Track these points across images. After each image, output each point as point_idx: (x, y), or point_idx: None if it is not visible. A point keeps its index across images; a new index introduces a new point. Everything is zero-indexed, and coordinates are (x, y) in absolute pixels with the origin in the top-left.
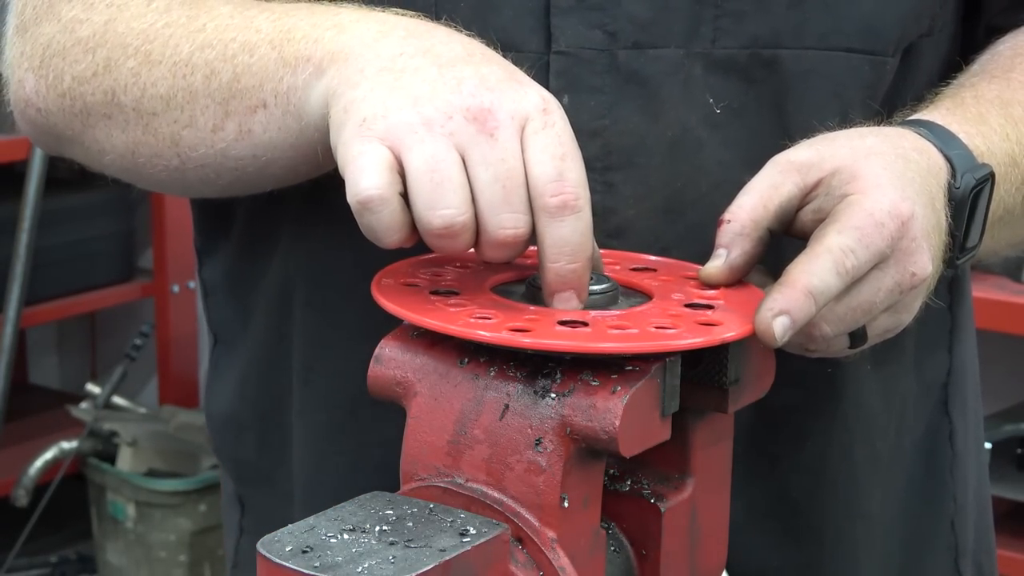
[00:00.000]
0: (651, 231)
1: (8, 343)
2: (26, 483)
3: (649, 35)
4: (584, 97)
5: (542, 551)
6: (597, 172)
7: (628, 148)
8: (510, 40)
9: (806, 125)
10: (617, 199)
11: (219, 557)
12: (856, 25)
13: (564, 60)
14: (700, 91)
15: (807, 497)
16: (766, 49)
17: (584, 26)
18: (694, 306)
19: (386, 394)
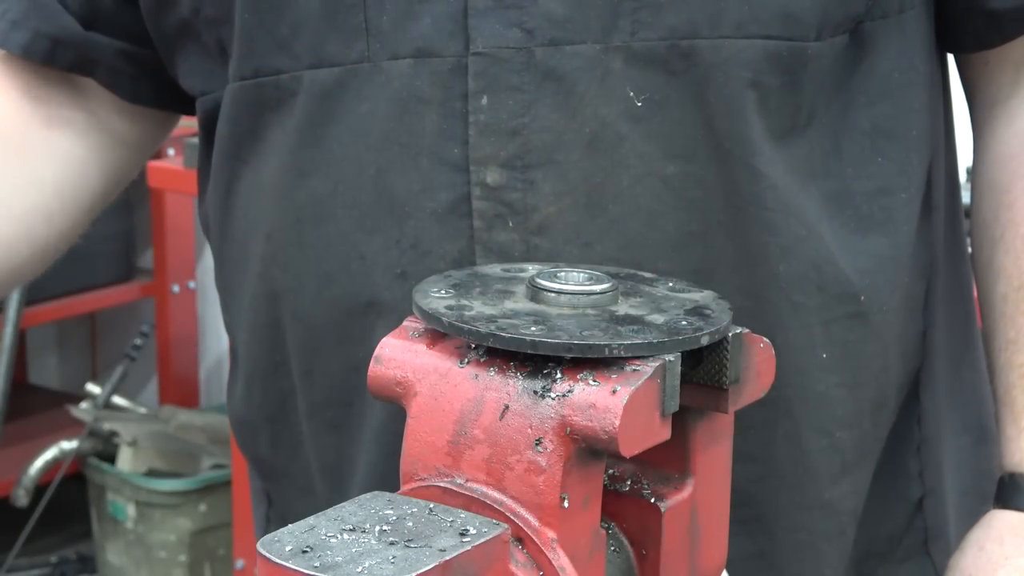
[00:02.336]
0: (573, 227)
1: (8, 343)
2: (26, 483)
3: (566, 31)
4: (503, 96)
5: (542, 551)
6: (518, 170)
7: (547, 145)
8: (430, 46)
9: (726, 114)
10: (538, 196)
11: (219, 557)
12: (773, 11)
13: (482, 61)
14: (620, 85)
15: (755, 487)
16: (684, 40)
17: (501, 25)
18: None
19: (386, 394)
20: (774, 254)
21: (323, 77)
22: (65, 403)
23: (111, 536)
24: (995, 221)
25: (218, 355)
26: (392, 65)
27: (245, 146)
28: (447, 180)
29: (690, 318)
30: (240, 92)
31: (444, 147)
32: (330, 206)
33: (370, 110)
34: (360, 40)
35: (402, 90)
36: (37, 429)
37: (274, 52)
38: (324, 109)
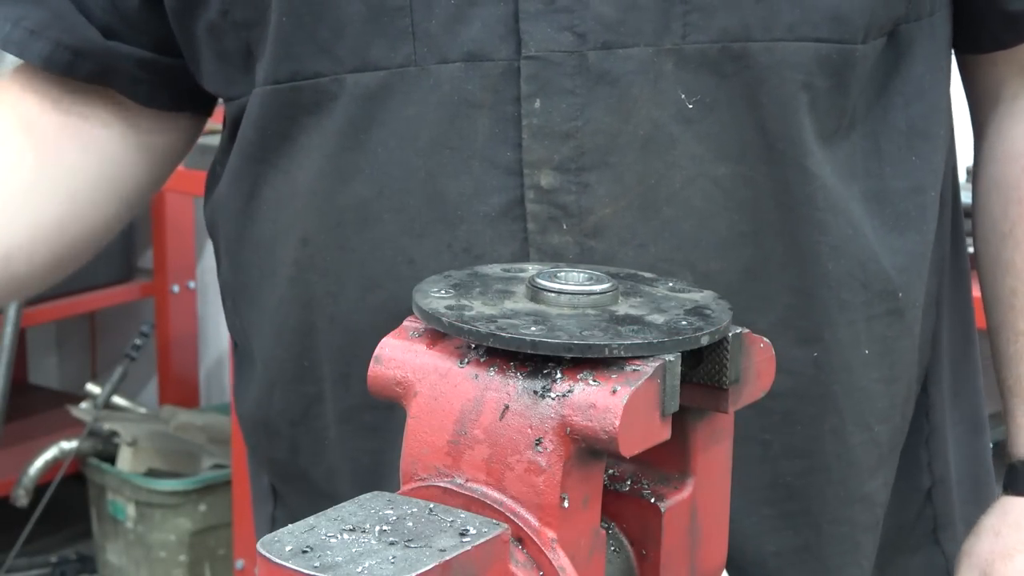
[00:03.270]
0: (627, 229)
1: (8, 343)
2: (26, 483)
3: (618, 35)
4: (556, 100)
5: (542, 551)
6: (572, 173)
7: (601, 148)
8: (480, 50)
9: (779, 116)
10: (592, 199)
11: (219, 557)
12: (824, 14)
13: (534, 64)
14: (672, 87)
15: (801, 481)
16: (736, 42)
17: (553, 29)
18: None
19: (386, 394)
20: (824, 253)
21: (367, 81)
22: (65, 403)
23: (111, 536)
24: (1003, 217)
25: (218, 355)
26: (441, 69)
27: (273, 149)
28: (500, 183)
29: (690, 318)
30: (272, 96)
31: (496, 151)
32: (375, 210)
33: (418, 114)
34: (406, 44)
35: (452, 94)
36: (37, 429)
37: (313, 55)
38: (367, 113)
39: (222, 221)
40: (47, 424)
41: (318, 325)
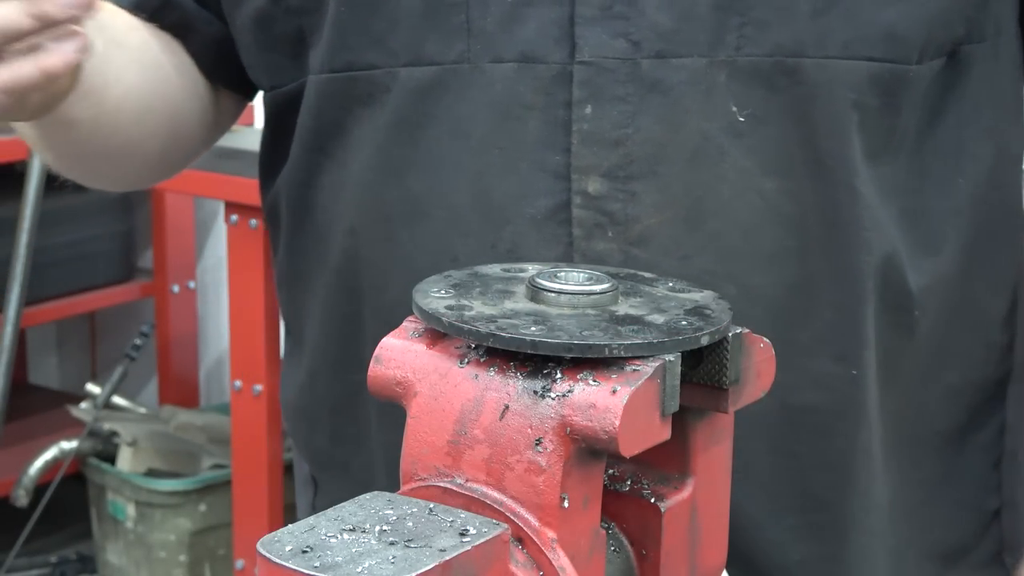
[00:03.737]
0: (673, 240)
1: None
2: (26, 483)
3: (672, 44)
4: (607, 107)
5: (542, 551)
6: (620, 181)
7: (650, 157)
8: (534, 51)
9: (829, 133)
10: (639, 208)
11: (219, 557)
12: (879, 33)
13: (587, 70)
14: (723, 99)
15: (832, 493)
16: (790, 57)
17: (608, 35)
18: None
19: (386, 394)
20: (866, 272)
21: (419, 75)
22: (65, 403)
23: (111, 536)
24: None
25: (218, 355)
26: (494, 68)
27: (330, 139)
28: (547, 187)
29: (690, 318)
30: (328, 84)
31: (545, 154)
32: (424, 206)
33: (469, 112)
34: (460, 40)
35: (504, 94)
36: (37, 429)
37: (368, 47)
38: (419, 108)
39: (282, 208)
40: (47, 424)
41: (363, 315)
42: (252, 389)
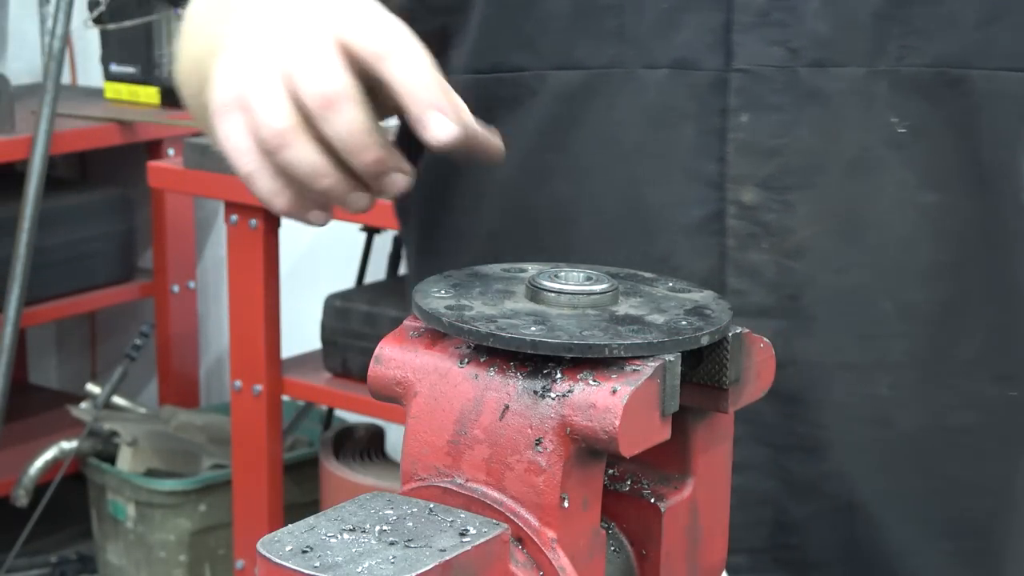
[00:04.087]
0: (828, 252)
1: (8, 343)
2: (26, 483)
3: (831, 53)
4: (763, 115)
5: (542, 551)
6: (775, 191)
7: (807, 167)
8: (689, 57)
9: (995, 146)
10: (795, 219)
11: (219, 557)
12: None
13: (744, 78)
14: (882, 110)
15: (989, 519)
16: (954, 68)
17: (765, 42)
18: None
19: (386, 394)
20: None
21: (568, 79)
22: (65, 403)
23: (111, 536)
24: None
25: (218, 355)
26: (648, 74)
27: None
28: (701, 196)
29: (690, 318)
30: (472, 85)
31: (699, 162)
32: (572, 212)
33: (622, 118)
34: (613, 44)
35: (658, 100)
36: (37, 429)
37: (516, 48)
38: (569, 112)
39: (415, 208)
40: (47, 424)
41: None
42: (252, 389)
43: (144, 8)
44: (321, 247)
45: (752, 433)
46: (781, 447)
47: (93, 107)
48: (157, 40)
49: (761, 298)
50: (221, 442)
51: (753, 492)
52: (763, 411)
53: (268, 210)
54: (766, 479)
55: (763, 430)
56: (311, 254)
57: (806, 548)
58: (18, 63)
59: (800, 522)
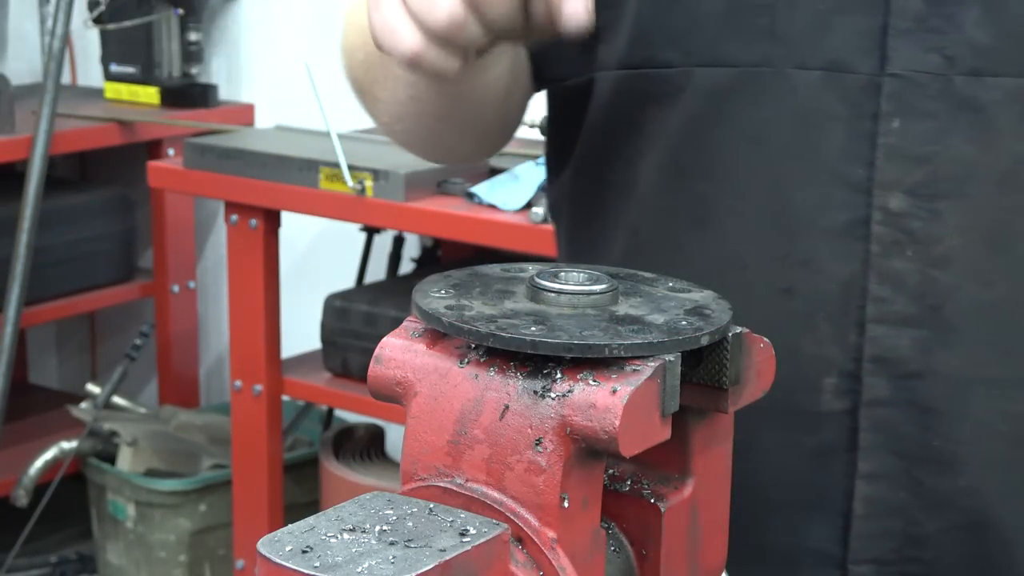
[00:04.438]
0: (974, 263)
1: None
2: (26, 483)
3: (989, 62)
4: (915, 122)
5: (542, 551)
6: (923, 199)
7: (957, 176)
8: (842, 60)
9: None
10: (942, 227)
11: (219, 557)
12: None
13: (897, 83)
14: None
15: None
16: None
17: (920, 49)
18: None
19: (386, 394)
20: None
21: (716, 76)
22: (65, 403)
23: (111, 536)
24: None
25: (218, 355)
26: (798, 74)
27: (620, 137)
28: (846, 200)
29: (690, 318)
30: (625, 81)
31: (847, 166)
32: (715, 211)
33: (769, 117)
34: (763, 43)
35: (807, 102)
36: (37, 429)
37: (666, 44)
38: (714, 110)
39: (566, 207)
40: (47, 424)
41: None
42: (252, 389)
43: (144, 8)
44: (321, 247)
45: (885, 443)
46: (915, 459)
47: (93, 107)
48: (157, 40)
49: (902, 306)
50: (221, 442)
51: (883, 503)
52: (898, 421)
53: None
54: (897, 490)
55: (897, 440)
56: (311, 254)
57: (934, 563)
58: (18, 63)
59: (930, 536)
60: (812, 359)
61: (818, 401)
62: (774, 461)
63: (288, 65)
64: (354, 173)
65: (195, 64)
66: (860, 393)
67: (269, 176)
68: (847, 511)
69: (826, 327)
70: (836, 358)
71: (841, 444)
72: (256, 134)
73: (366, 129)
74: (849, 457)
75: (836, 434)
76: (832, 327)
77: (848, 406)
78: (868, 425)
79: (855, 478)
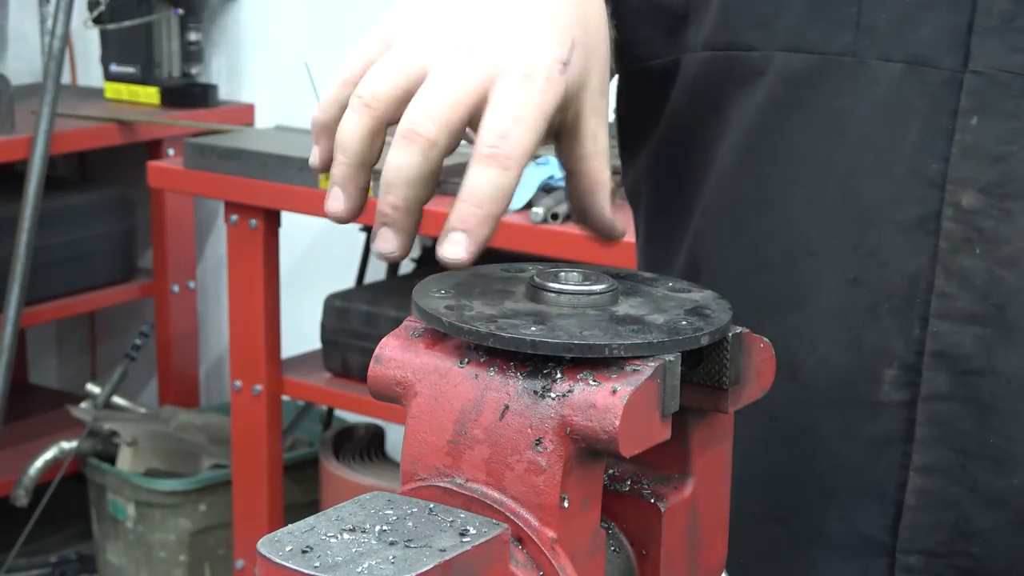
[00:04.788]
0: None
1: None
2: (26, 483)
3: None
4: (994, 120)
5: (542, 551)
6: (995, 198)
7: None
8: (926, 55)
9: None
10: (1012, 228)
11: (219, 557)
12: None
13: (979, 80)
14: None
15: None
16: None
17: (1005, 48)
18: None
19: (386, 394)
20: None
21: (797, 62)
22: (65, 403)
23: (111, 536)
24: None
25: (218, 355)
26: (881, 66)
27: (702, 120)
28: (919, 194)
29: (690, 318)
30: (710, 63)
31: (922, 161)
32: (783, 196)
33: (848, 107)
34: (847, 32)
35: (888, 95)
36: (37, 429)
37: (750, 28)
38: (792, 95)
39: (647, 187)
40: (47, 424)
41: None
42: (252, 389)
43: (144, 8)
44: (321, 247)
45: (941, 437)
46: (970, 455)
47: (93, 107)
48: (157, 40)
49: (967, 304)
50: (221, 442)
51: (936, 495)
52: (956, 417)
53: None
54: (952, 484)
55: (954, 435)
56: (311, 254)
57: (983, 558)
58: (18, 63)
59: (981, 532)
60: (874, 350)
61: (877, 391)
62: (831, 449)
63: (288, 65)
64: None
65: (195, 64)
66: (919, 386)
67: (269, 176)
68: (899, 501)
69: (889, 319)
70: (898, 350)
71: (898, 435)
72: (256, 134)
73: None
74: (904, 448)
75: (893, 425)
76: (896, 320)
77: (907, 398)
78: (925, 418)
79: (909, 469)
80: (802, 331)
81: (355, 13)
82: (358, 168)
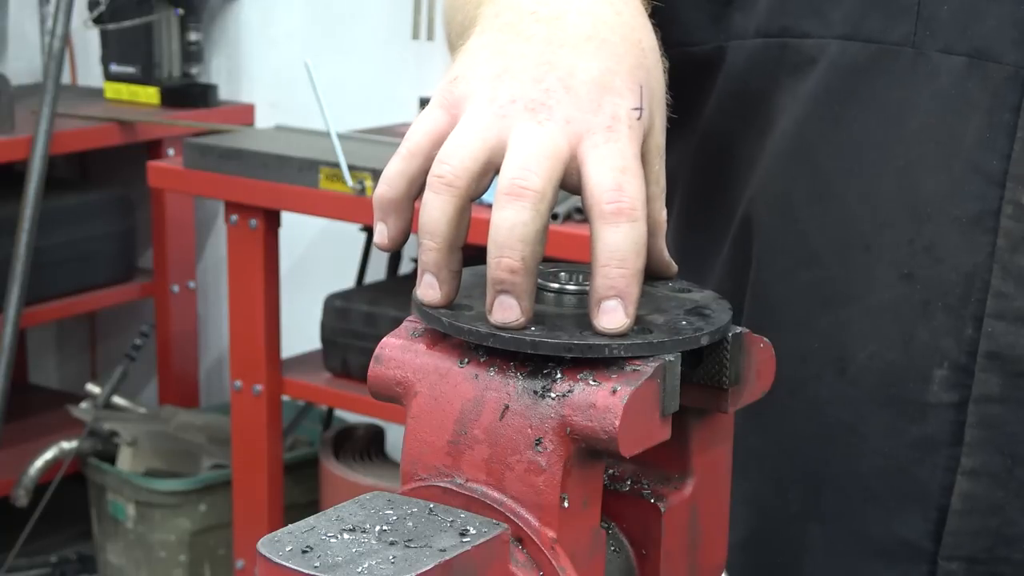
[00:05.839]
0: None
1: (8, 343)
2: (26, 483)
3: None
4: None
5: (542, 551)
6: None
7: None
8: (988, 49)
9: None
10: None
11: (219, 557)
12: None
13: None
14: None
15: None
16: None
17: None
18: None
19: (386, 394)
20: None
21: (854, 51)
22: (65, 403)
23: (111, 536)
24: None
25: (218, 354)
26: (942, 59)
27: (751, 108)
28: (977, 190)
29: (690, 318)
30: (761, 50)
31: (982, 156)
32: (837, 188)
33: (907, 99)
34: (907, 22)
35: (949, 88)
36: (37, 429)
37: (805, 14)
38: (848, 85)
39: (684, 175)
40: (47, 424)
41: (743, 288)
42: (252, 389)
43: (144, 8)
44: (321, 247)
45: (992, 440)
46: (1019, 458)
47: (93, 107)
48: (157, 40)
49: (1023, 303)
50: (221, 442)
51: (982, 500)
52: (1007, 419)
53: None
54: (998, 489)
55: (1004, 438)
56: (311, 254)
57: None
58: (18, 63)
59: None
60: (925, 348)
61: (926, 391)
62: (876, 448)
63: (288, 65)
64: (354, 173)
65: (195, 64)
66: (969, 388)
67: (269, 176)
68: (944, 506)
69: (943, 317)
70: (950, 350)
71: (945, 437)
72: (256, 134)
73: (366, 129)
74: (952, 451)
75: (941, 427)
76: (949, 318)
77: (956, 399)
78: (975, 420)
79: (956, 472)
80: (853, 326)
81: (355, 13)
82: (449, 252)
